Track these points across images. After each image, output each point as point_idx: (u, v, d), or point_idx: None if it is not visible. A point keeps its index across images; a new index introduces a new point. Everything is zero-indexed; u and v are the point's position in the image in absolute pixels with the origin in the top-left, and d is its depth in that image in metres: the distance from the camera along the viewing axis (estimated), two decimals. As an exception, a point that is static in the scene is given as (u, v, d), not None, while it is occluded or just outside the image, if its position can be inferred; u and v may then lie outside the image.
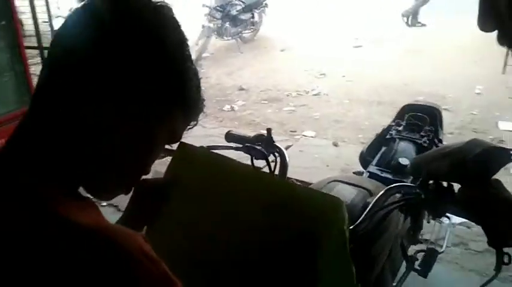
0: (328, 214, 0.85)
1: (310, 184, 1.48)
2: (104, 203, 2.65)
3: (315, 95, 5.51)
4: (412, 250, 1.96)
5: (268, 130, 1.23)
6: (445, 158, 0.96)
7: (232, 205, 0.91)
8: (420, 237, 2.15)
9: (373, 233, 1.09)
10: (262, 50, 7.60)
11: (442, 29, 7.80)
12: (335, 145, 4.20)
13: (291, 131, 4.53)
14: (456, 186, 0.98)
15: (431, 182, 1.01)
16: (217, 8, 7.24)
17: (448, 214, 2.20)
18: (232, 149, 1.25)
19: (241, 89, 5.84)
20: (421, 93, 5.06)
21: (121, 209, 2.96)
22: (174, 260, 0.57)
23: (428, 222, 2.11)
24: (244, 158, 1.23)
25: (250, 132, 4.34)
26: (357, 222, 1.01)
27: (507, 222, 0.87)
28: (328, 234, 0.85)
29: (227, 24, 7.32)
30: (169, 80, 0.60)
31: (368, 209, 1.04)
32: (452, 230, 2.63)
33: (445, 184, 0.99)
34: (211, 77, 6.22)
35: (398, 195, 1.12)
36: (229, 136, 1.33)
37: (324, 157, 3.89)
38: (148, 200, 0.88)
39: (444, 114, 2.25)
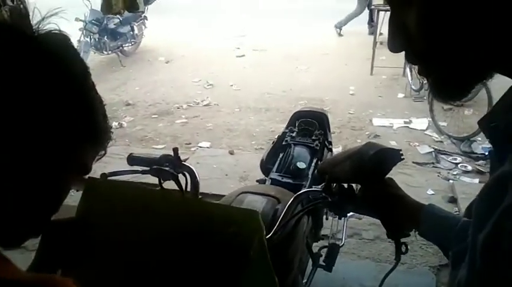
0: (247, 226, 0.88)
1: (222, 195, 1.49)
2: None
3: (206, 105, 5.55)
4: (315, 247, 2.09)
5: (175, 150, 1.22)
6: (346, 161, 1.05)
7: (149, 233, 0.89)
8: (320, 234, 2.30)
9: (287, 240, 1.14)
10: (146, 63, 7.42)
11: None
12: (231, 153, 4.27)
13: (186, 144, 4.50)
14: (356, 187, 1.08)
15: (334, 185, 1.10)
16: (93, 21, 6.88)
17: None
18: (138, 173, 1.20)
19: (128, 104, 5.63)
20: (302, 98, 5.43)
21: (29, 248, 2.66)
22: None
23: (327, 219, 2.27)
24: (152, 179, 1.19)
25: (144, 149, 4.18)
26: (272, 231, 1.05)
27: (402, 216, 0.98)
28: (249, 246, 0.87)
29: (105, 38, 6.99)
30: (76, 113, 0.58)
31: (281, 217, 1.08)
32: (346, 227, 2.87)
33: (346, 185, 1.08)
34: (94, 94, 5.88)
35: (305, 199, 1.19)
36: (132, 159, 1.28)
37: (222, 166, 3.94)
38: (60, 241, 0.83)
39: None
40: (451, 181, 3.65)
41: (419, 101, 5.38)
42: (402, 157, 1.01)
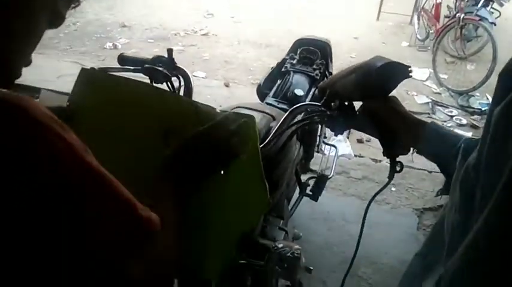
0: (242, 130, 0.85)
1: None
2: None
3: (204, 35, 5.36)
4: (303, 178, 2.09)
5: (169, 51, 1.14)
6: (349, 75, 0.99)
7: (139, 128, 0.86)
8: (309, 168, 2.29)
9: (277, 156, 1.11)
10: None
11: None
12: (226, 85, 4.19)
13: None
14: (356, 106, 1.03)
15: (334, 102, 1.04)
16: None
17: (334, 144, 2.38)
18: (130, 71, 1.14)
19: (124, 25, 5.42)
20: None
21: None
22: None
23: (318, 152, 2.25)
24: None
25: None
26: (265, 141, 1.01)
27: (401, 134, 0.94)
28: (242, 148, 0.85)
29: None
30: None
31: (276, 128, 1.04)
32: (343, 161, 2.87)
33: (346, 103, 1.03)
34: (89, 12, 5.63)
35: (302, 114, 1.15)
36: (123, 59, 1.21)
37: (216, 97, 3.86)
38: None
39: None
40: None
41: (423, 50, 5.25)
42: (410, 74, 0.95)
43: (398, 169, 0.98)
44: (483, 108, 4.10)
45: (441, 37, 4.63)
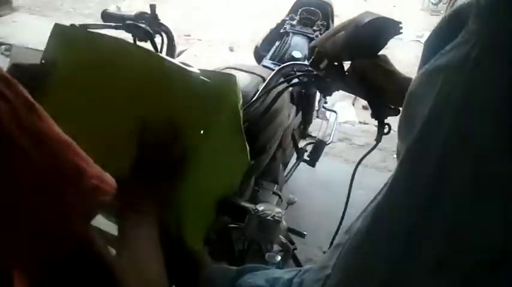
0: (221, 89, 0.81)
1: None
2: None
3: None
4: (301, 144, 2.06)
5: (152, 6, 1.09)
6: (339, 32, 0.94)
7: (117, 87, 0.83)
8: (309, 133, 2.25)
9: (264, 115, 1.07)
10: None
11: None
12: (231, 50, 4.10)
13: (185, 35, 4.30)
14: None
15: (323, 63, 0.99)
16: None
17: (335, 109, 2.33)
18: (111, 28, 1.09)
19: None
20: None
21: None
22: None
23: (318, 117, 2.20)
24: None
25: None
26: (250, 101, 0.97)
27: (391, 94, 0.90)
28: (223, 109, 0.82)
29: None
30: None
31: (262, 87, 1.00)
32: (338, 128, 2.82)
33: (336, 63, 0.98)
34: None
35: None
36: (107, 16, 1.16)
37: (219, 62, 3.79)
38: (23, 85, 0.76)
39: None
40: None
41: (436, 15, 5.07)
42: (401, 31, 0.90)
43: (386, 131, 0.94)
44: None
45: (454, 1, 4.44)
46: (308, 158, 1.93)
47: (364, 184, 0.99)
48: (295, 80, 1.08)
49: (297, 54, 1.76)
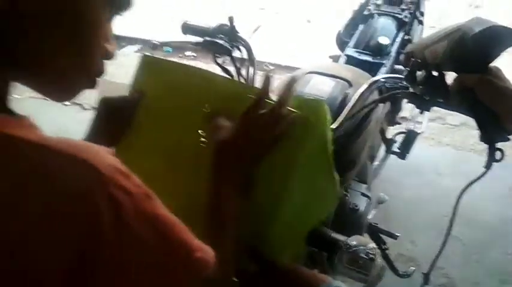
0: (310, 118, 0.76)
1: (294, 68, 1.33)
2: (68, 103, 2.51)
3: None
4: (390, 133, 1.92)
5: (230, 18, 1.04)
6: (441, 41, 0.82)
7: (207, 120, 0.81)
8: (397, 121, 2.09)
9: (353, 133, 0.99)
10: None
11: None
12: (308, 21, 3.94)
13: (260, 9, 4.20)
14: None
15: (419, 73, 0.88)
16: None
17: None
18: (191, 44, 1.07)
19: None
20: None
21: (86, 107, 2.82)
22: (144, 178, 0.50)
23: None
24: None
25: (216, 12, 3.97)
26: (339, 122, 0.90)
27: (505, 115, 0.78)
28: (311, 138, 0.78)
29: None
30: None
31: (351, 105, 0.92)
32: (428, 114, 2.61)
33: (435, 74, 0.87)
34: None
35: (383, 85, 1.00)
36: (186, 27, 1.13)
37: (297, 35, 3.66)
38: (112, 120, 0.82)
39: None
40: None
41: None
42: (520, 39, 0.76)
43: (498, 157, 0.82)
44: None
45: None
46: (398, 150, 1.80)
47: (459, 169, 0.88)
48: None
49: (383, 40, 1.61)
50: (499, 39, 0.76)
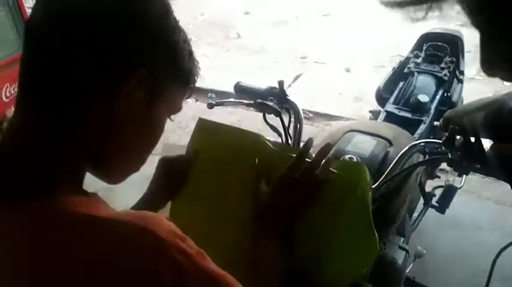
0: (350, 179, 0.82)
1: (335, 116, 1.41)
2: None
3: (325, 15, 5.22)
4: (428, 185, 1.94)
5: (280, 83, 1.15)
6: (479, 111, 0.88)
7: (254, 180, 0.89)
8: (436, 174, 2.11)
9: (395, 192, 1.05)
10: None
11: None
12: (347, 70, 4.05)
13: (302, 58, 4.36)
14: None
15: (458, 137, 0.94)
16: None
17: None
18: (243, 104, 1.17)
19: (247, 13, 5.55)
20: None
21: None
22: (198, 235, 0.57)
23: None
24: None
25: (258, 60, 4.14)
26: (379, 183, 0.97)
27: None
28: (352, 199, 0.83)
29: None
30: (160, 54, 0.56)
31: (390, 167, 0.98)
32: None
33: (473, 139, 0.92)
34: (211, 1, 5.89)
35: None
36: (239, 88, 1.25)
37: (336, 84, 3.77)
38: (170, 177, 0.90)
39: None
40: None
41: None
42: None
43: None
44: None
45: None
46: (437, 204, 1.82)
47: (499, 223, 0.90)
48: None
49: (423, 98, 1.68)
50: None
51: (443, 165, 2.11)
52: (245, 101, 1.18)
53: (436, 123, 1.59)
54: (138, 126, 0.58)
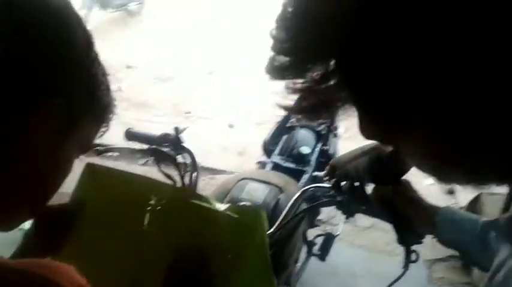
0: (249, 225, 0.83)
1: (220, 170, 1.42)
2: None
3: (209, 73, 5.41)
4: (310, 234, 2.04)
5: (176, 129, 1.13)
6: (361, 157, 0.97)
7: (146, 227, 0.84)
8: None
9: (286, 238, 1.08)
10: (151, 25, 7.20)
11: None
12: (230, 126, 4.19)
13: (186, 113, 4.40)
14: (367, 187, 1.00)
15: (343, 183, 1.02)
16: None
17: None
18: (135, 151, 1.12)
19: (129, 66, 5.48)
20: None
21: None
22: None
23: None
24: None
25: (142, 114, 4.07)
26: (274, 228, 0.99)
27: (415, 221, 0.92)
28: (250, 244, 0.83)
29: (110, -5, 6.77)
30: (78, 85, 0.52)
31: (284, 213, 1.01)
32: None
33: (357, 184, 1.01)
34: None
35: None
36: (130, 135, 1.20)
37: (220, 139, 3.86)
38: (52, 228, 0.77)
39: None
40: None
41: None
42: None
43: (414, 258, 0.94)
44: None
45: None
46: (319, 252, 1.91)
47: (373, 270, 0.97)
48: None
49: (305, 150, 1.81)
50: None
51: (321, 215, 2.26)
52: (137, 148, 1.13)
53: (316, 173, 1.71)
54: (43, 160, 0.51)
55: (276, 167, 1.76)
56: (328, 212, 2.25)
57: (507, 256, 0.46)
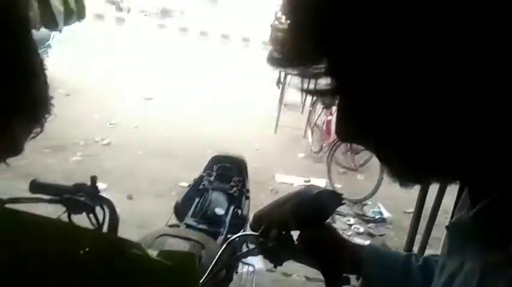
0: (182, 270, 0.78)
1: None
2: None
3: (106, 144, 5.20)
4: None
5: (93, 178, 1.06)
6: (284, 205, 0.99)
7: (55, 275, 0.74)
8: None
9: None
10: (42, 93, 6.82)
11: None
12: (129, 197, 3.99)
13: (80, 184, 4.10)
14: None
15: (271, 232, 1.03)
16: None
17: (252, 263, 2.31)
18: (45, 201, 1.01)
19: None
20: (212, 147, 5.38)
21: None
22: None
23: (236, 272, 2.16)
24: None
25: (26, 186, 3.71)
26: (203, 279, 0.94)
27: (343, 260, 0.94)
28: None
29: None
30: (12, 74, 0.45)
31: (212, 264, 0.98)
32: (256, 278, 2.78)
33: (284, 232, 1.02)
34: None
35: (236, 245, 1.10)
36: (36, 186, 1.08)
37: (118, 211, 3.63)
38: None
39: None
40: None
41: (319, 162, 5.65)
42: (343, 202, 0.99)
43: (342, 301, 0.96)
44: (376, 217, 4.42)
45: (333, 150, 5.05)
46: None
47: None
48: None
49: (219, 211, 1.79)
50: (329, 200, 0.98)
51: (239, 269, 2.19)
52: (47, 197, 1.03)
53: (229, 236, 1.69)
54: None
55: (190, 229, 1.70)
56: (240, 279, 2.19)
57: (460, 263, 0.48)
